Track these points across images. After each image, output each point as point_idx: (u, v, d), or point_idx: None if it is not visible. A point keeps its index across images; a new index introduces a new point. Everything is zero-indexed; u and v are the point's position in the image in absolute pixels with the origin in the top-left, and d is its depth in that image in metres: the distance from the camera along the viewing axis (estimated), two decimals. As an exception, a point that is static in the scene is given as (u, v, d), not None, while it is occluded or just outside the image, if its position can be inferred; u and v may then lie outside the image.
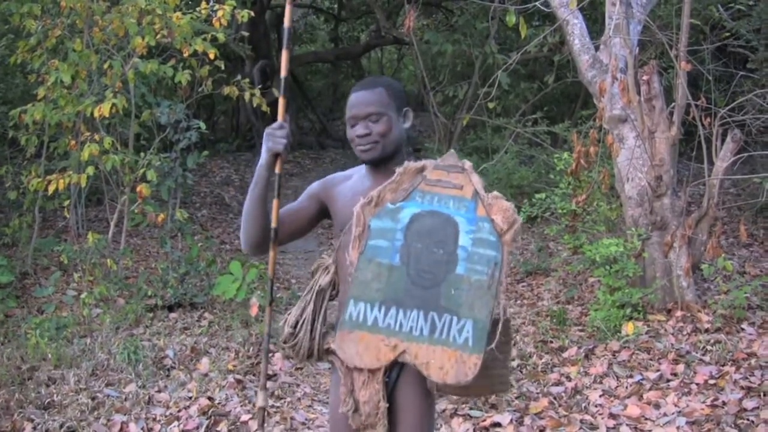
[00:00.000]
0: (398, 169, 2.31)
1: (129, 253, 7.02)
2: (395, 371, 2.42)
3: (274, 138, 2.44)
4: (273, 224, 2.49)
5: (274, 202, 2.49)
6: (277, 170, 2.48)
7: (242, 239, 2.57)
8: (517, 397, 4.60)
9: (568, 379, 4.87)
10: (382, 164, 2.48)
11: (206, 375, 4.97)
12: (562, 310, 5.98)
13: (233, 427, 4.31)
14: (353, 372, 2.41)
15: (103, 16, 6.29)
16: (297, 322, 2.53)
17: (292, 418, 4.44)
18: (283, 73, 2.52)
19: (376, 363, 2.22)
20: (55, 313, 6.10)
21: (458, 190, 2.22)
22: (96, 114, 6.02)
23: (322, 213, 2.61)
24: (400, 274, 2.20)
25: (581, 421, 4.29)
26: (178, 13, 6.30)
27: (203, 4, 6.48)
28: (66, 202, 6.70)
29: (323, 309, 2.54)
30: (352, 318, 2.21)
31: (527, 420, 4.32)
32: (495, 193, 2.25)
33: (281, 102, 2.50)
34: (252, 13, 6.89)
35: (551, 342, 5.49)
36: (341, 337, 2.22)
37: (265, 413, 2.67)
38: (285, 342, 2.56)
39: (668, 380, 4.72)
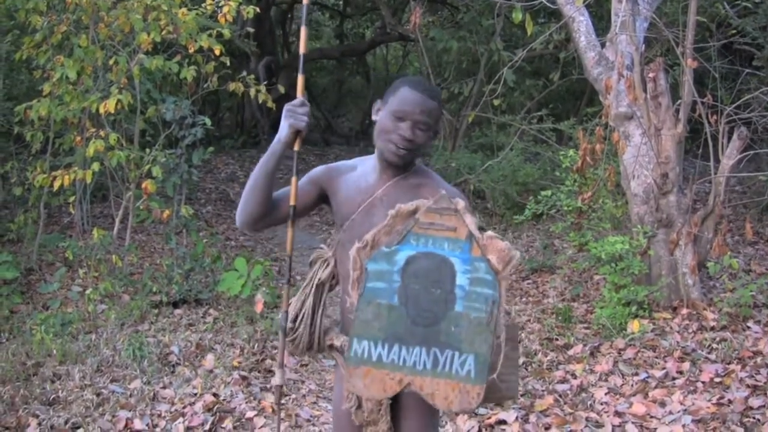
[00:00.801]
0: (390, 212, 2.29)
1: (134, 249, 7.03)
2: None
3: (295, 114, 2.38)
4: (292, 202, 2.45)
5: (293, 180, 2.44)
6: (295, 148, 2.42)
7: (240, 212, 2.48)
8: (522, 395, 4.60)
9: (574, 376, 4.87)
10: (396, 165, 2.44)
11: (211, 371, 4.97)
12: (567, 307, 5.97)
13: (238, 423, 4.31)
14: None
15: (108, 12, 6.29)
16: (297, 316, 2.53)
17: (297, 415, 4.43)
18: (302, 50, 2.47)
19: (383, 394, 2.27)
20: (60, 309, 6.10)
21: (452, 232, 2.23)
22: (101, 110, 6.01)
23: (321, 199, 2.56)
24: (399, 314, 2.24)
25: (587, 419, 4.29)
26: (184, 9, 6.29)
27: (209, 0, 6.47)
28: (71, 198, 6.70)
29: (323, 301, 2.54)
30: (357, 355, 2.25)
31: (532, 417, 4.32)
32: (489, 233, 2.27)
33: (300, 80, 2.46)
34: (257, 10, 6.87)
35: (556, 339, 5.48)
36: (348, 371, 2.26)
37: (282, 390, 2.67)
38: (285, 336, 2.54)
39: (674, 378, 4.72)
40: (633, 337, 5.24)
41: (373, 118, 2.48)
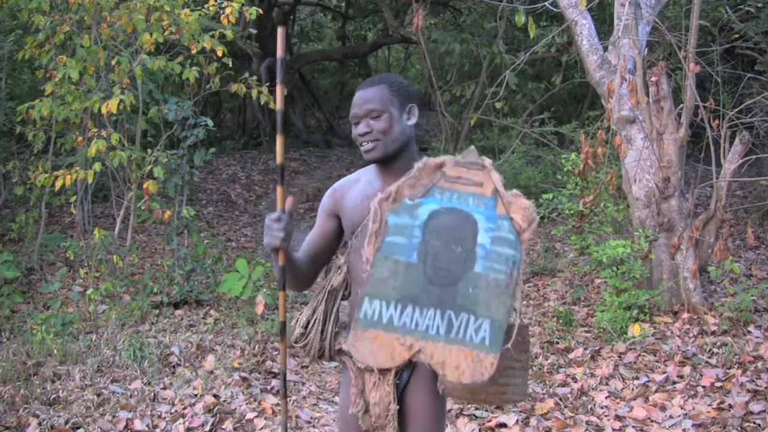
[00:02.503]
0: (417, 164, 2.22)
1: (135, 249, 7.03)
2: (406, 373, 2.40)
3: (270, 232, 2.26)
4: (280, 296, 2.42)
5: (281, 295, 2.40)
6: (279, 263, 2.32)
7: (290, 288, 2.50)
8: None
9: (574, 380, 4.86)
10: (389, 164, 2.42)
11: (212, 372, 4.96)
12: (568, 311, 5.97)
13: (239, 424, 4.31)
14: (364, 373, 2.40)
15: (111, 13, 6.30)
16: (308, 322, 2.49)
17: (297, 417, 4.43)
18: (278, 106, 2.33)
19: (390, 363, 2.15)
20: (60, 309, 6.10)
21: (478, 188, 2.14)
22: (103, 110, 6.02)
23: (341, 224, 2.54)
24: (417, 272, 2.12)
25: (587, 422, 4.28)
26: (186, 10, 6.30)
27: (211, 1, 6.48)
28: (72, 198, 6.71)
29: (335, 309, 2.52)
30: (366, 316, 2.13)
31: (533, 421, 4.31)
32: (514, 191, 2.19)
33: (279, 140, 2.28)
34: (260, 11, 6.89)
35: (557, 343, 5.48)
36: (355, 335, 2.14)
37: None
38: (296, 342, 2.51)
39: (674, 382, 4.71)
40: (634, 341, 5.24)
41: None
